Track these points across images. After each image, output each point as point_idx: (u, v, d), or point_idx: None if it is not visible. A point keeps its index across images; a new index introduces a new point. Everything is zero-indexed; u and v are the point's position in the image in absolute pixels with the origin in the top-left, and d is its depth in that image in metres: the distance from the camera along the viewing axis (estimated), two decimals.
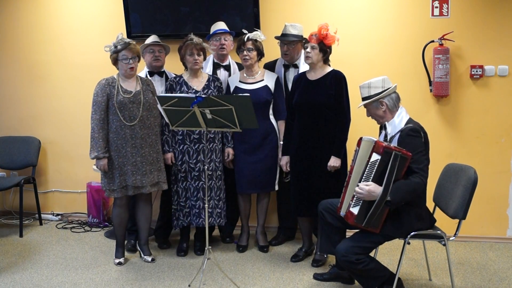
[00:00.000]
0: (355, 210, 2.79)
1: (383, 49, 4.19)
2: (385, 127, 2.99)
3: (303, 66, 3.78)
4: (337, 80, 3.46)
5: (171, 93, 3.68)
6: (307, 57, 3.46)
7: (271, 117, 3.84)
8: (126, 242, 3.87)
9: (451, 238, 2.92)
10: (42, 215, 4.78)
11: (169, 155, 3.75)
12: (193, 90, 3.71)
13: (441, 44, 4.01)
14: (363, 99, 3.01)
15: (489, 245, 4.08)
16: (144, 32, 4.31)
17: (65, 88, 4.77)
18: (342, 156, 3.49)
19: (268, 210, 4.02)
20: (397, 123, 2.91)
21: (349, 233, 3.08)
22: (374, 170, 2.73)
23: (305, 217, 3.68)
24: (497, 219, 4.14)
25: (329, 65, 3.55)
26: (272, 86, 3.81)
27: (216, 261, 3.60)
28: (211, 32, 3.96)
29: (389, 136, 2.92)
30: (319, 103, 3.46)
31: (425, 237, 2.95)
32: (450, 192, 3.00)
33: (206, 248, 3.28)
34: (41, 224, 4.73)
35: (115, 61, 3.55)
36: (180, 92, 3.70)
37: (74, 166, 4.82)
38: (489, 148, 4.11)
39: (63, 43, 4.74)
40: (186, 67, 3.80)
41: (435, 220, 3.01)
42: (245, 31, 3.78)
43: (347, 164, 3.52)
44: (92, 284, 3.37)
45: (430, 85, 4.10)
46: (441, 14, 4.08)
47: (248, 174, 3.79)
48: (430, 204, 3.03)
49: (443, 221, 3.17)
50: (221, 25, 3.96)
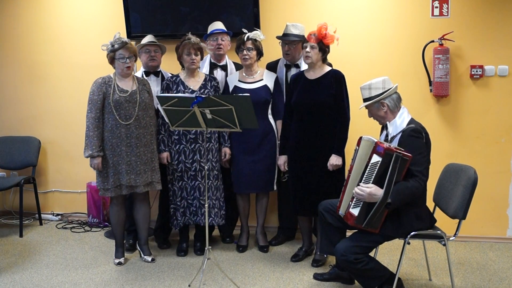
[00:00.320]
0: (355, 211, 2.79)
1: (383, 49, 4.19)
2: (386, 127, 2.98)
3: (305, 66, 3.78)
4: (337, 80, 3.47)
5: (168, 93, 3.67)
6: (306, 57, 3.45)
7: (270, 117, 3.84)
8: (124, 241, 3.86)
9: (451, 238, 2.92)
10: (42, 215, 4.78)
11: (165, 154, 3.74)
12: (190, 90, 3.71)
13: (441, 44, 4.01)
14: (364, 100, 3.00)
15: (489, 245, 4.08)
16: (144, 32, 4.30)
17: (65, 88, 4.77)
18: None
19: (267, 210, 4.02)
20: (398, 123, 2.91)
21: (349, 233, 3.07)
22: (375, 172, 2.72)
23: (304, 217, 3.69)
24: (497, 219, 4.14)
25: (327, 64, 3.55)
26: (271, 85, 3.81)
27: (216, 261, 3.60)
28: (209, 31, 3.95)
29: (390, 136, 2.91)
30: (319, 103, 3.46)
31: (425, 237, 2.95)
32: (450, 192, 2.99)
33: (206, 248, 3.27)
34: (41, 224, 4.73)
35: (112, 60, 3.55)
36: (177, 92, 3.69)
37: (74, 166, 4.81)
38: (489, 148, 4.11)
39: (63, 43, 4.75)
40: (183, 67, 3.79)
41: (435, 220, 3.00)
42: (245, 30, 3.78)
43: (345, 163, 3.52)
44: (92, 284, 3.37)
45: (430, 85, 4.10)
46: (441, 14, 4.09)
47: (247, 174, 3.79)
48: (430, 204, 3.03)
49: (443, 221, 3.16)
50: (218, 25, 3.95)
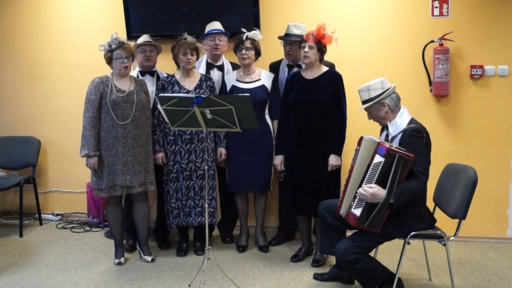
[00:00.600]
0: (357, 211, 2.78)
1: (383, 49, 4.19)
2: (387, 128, 2.98)
3: None
4: (335, 80, 3.47)
5: (163, 93, 3.67)
6: (305, 57, 3.45)
7: (267, 116, 3.83)
8: (124, 242, 3.86)
9: (451, 238, 2.92)
10: (42, 215, 4.78)
11: (160, 154, 3.73)
12: (185, 90, 3.70)
13: (441, 44, 4.01)
14: (364, 102, 2.99)
15: (489, 245, 4.08)
16: (144, 32, 4.29)
17: (65, 88, 4.77)
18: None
19: (267, 210, 4.02)
20: (399, 123, 2.90)
21: (349, 233, 3.07)
22: (377, 173, 2.71)
23: (302, 216, 3.69)
24: (497, 219, 4.14)
25: (329, 65, 3.55)
26: (269, 85, 3.81)
27: (216, 261, 3.60)
28: (206, 31, 3.93)
29: (390, 137, 2.91)
30: (318, 102, 3.46)
31: (425, 237, 2.95)
32: (450, 192, 2.99)
33: (206, 248, 3.27)
34: (41, 224, 4.73)
35: (109, 60, 3.55)
36: (172, 92, 3.69)
37: (74, 166, 4.81)
38: (489, 148, 4.11)
39: (63, 43, 4.75)
40: (178, 66, 3.79)
41: (435, 220, 3.00)
42: (243, 30, 3.78)
43: (342, 162, 3.52)
44: (92, 284, 3.37)
45: (430, 85, 4.10)
46: (441, 14, 4.08)
47: (244, 173, 3.79)
48: (430, 204, 3.03)
49: (443, 221, 3.16)
50: (216, 25, 3.93)
